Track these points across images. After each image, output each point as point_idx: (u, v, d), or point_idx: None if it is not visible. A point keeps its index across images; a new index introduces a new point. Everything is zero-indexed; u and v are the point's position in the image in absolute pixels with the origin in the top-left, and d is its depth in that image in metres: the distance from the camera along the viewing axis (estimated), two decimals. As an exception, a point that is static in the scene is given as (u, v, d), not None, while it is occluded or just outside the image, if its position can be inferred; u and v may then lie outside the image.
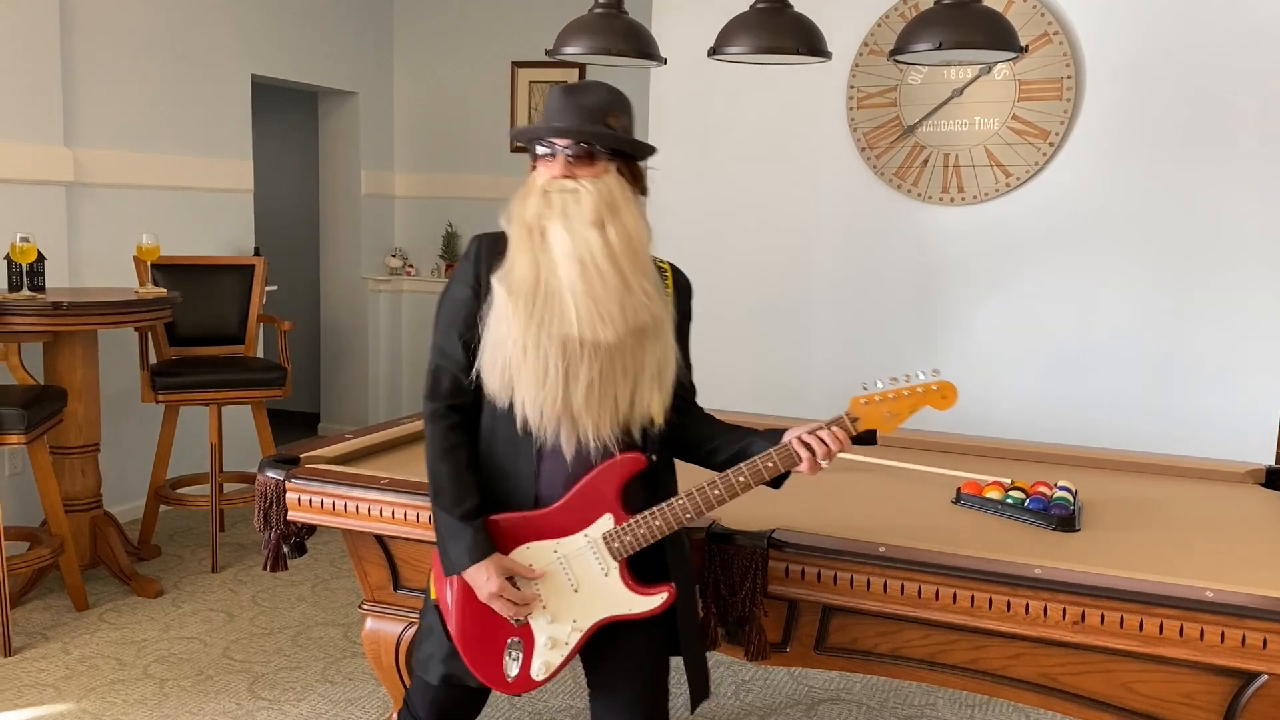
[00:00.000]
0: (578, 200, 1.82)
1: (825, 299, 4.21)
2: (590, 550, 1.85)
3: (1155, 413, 3.76)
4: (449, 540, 1.85)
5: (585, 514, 1.85)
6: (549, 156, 1.86)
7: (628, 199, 1.87)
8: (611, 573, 1.86)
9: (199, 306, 4.33)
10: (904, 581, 1.91)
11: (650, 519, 1.84)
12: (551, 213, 1.82)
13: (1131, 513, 2.31)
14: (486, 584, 1.81)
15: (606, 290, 1.79)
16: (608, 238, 1.81)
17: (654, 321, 1.83)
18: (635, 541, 1.84)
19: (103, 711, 2.97)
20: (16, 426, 3.26)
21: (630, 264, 1.82)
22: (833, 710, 3.07)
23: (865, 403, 1.86)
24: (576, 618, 1.86)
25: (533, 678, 1.88)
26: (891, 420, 1.85)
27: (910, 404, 1.86)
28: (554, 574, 1.85)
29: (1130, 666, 1.85)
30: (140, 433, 4.56)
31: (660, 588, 1.87)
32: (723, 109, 4.30)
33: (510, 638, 1.87)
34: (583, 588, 1.86)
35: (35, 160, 4.07)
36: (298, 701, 3.05)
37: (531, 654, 1.87)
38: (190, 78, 4.77)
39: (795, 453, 1.85)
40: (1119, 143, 3.75)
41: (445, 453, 1.87)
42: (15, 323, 3.48)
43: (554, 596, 1.85)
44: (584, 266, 1.79)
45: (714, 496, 1.84)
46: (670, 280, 1.98)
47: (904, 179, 4.01)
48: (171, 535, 4.47)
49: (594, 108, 1.87)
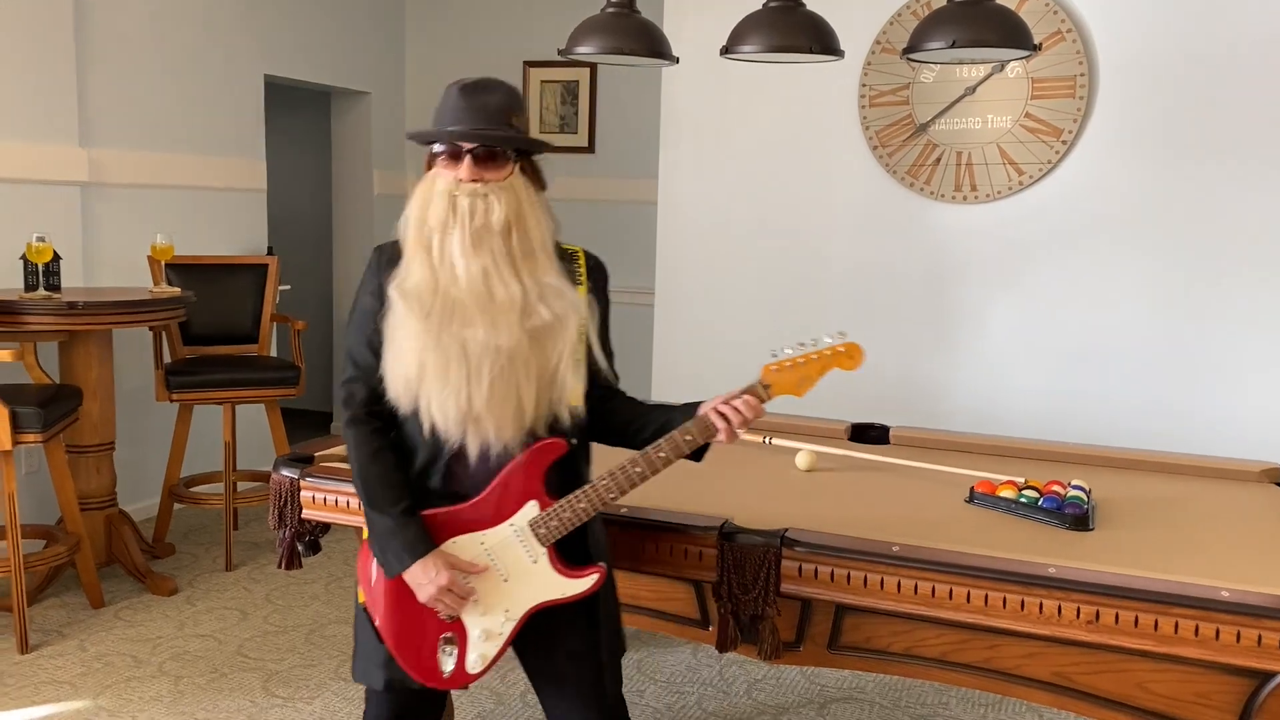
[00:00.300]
0: (488, 206, 1.83)
1: (837, 297, 4.20)
2: (517, 539, 1.87)
3: (1168, 412, 3.74)
4: (388, 540, 1.85)
5: (509, 503, 1.87)
6: (451, 158, 1.85)
7: (533, 200, 1.88)
8: (540, 559, 1.87)
9: (213, 306, 4.35)
10: (918, 581, 1.91)
11: (575, 502, 1.86)
12: (456, 219, 1.82)
13: (1146, 512, 2.30)
14: (434, 580, 1.83)
15: (508, 295, 1.80)
16: (511, 245, 1.83)
17: (557, 320, 1.83)
18: (561, 526, 1.86)
19: (119, 708, 2.99)
20: (33, 425, 3.28)
21: (530, 268, 1.84)
22: (845, 709, 3.07)
23: (776, 369, 1.89)
24: (509, 607, 1.88)
25: (469, 671, 1.90)
26: (804, 384, 1.88)
27: (819, 366, 1.89)
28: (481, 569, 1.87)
29: (1145, 666, 1.85)
30: (154, 431, 4.58)
31: (590, 569, 1.89)
32: (734, 108, 4.30)
33: (443, 634, 1.89)
34: (513, 577, 1.87)
35: (50, 160, 4.09)
36: (311, 699, 3.07)
37: (466, 648, 1.89)
38: (204, 78, 4.79)
39: (711, 424, 1.87)
40: (1132, 141, 3.73)
41: (372, 456, 1.88)
42: (31, 322, 3.50)
43: (484, 588, 1.87)
44: (486, 274, 1.81)
45: (636, 474, 1.86)
46: (584, 268, 1.98)
47: (916, 177, 4.01)
48: (186, 533, 4.49)
49: (498, 108, 1.86)
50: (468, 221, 1.82)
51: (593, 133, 5.82)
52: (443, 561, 1.84)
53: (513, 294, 1.81)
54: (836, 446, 2.77)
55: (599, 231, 5.82)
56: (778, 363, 1.88)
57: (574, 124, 5.85)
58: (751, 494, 2.39)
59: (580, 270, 1.97)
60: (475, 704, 3.05)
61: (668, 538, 2.09)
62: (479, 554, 1.87)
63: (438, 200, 1.84)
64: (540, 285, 1.84)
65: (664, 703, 3.10)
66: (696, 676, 3.28)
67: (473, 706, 3.04)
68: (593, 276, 1.98)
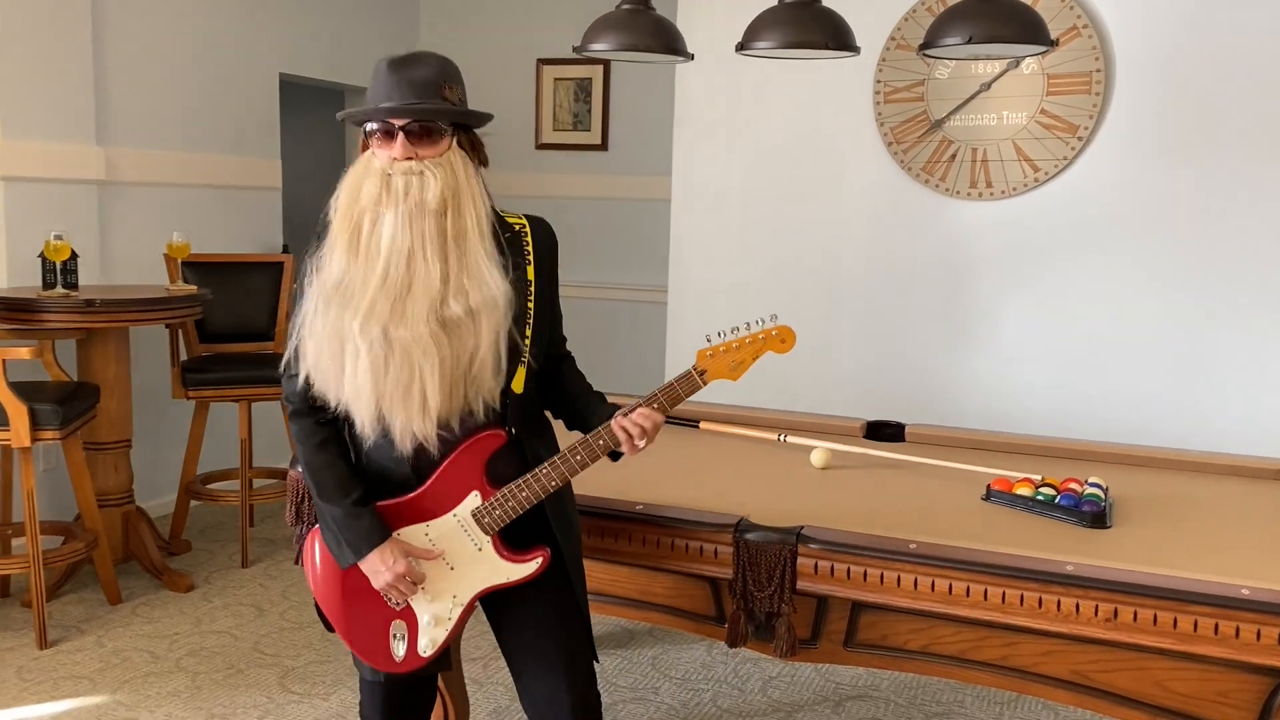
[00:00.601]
0: (423, 184, 1.77)
1: (851, 294, 4.19)
2: (461, 528, 1.89)
3: (1184, 409, 3.72)
4: (342, 530, 1.85)
5: (452, 494, 1.88)
6: (385, 136, 1.80)
7: (470, 176, 1.83)
8: (485, 547, 1.89)
9: (229, 303, 4.37)
10: (935, 578, 1.91)
11: (517, 491, 1.87)
12: (390, 198, 1.77)
13: (1163, 509, 2.29)
14: (391, 567, 1.84)
15: (427, 282, 1.76)
16: (445, 225, 1.78)
17: (469, 315, 1.77)
18: (505, 515, 1.87)
19: (137, 704, 3.01)
20: (51, 422, 3.30)
21: (460, 251, 1.78)
22: (860, 707, 3.07)
23: (710, 354, 1.91)
24: (456, 593, 1.91)
25: (420, 655, 1.93)
26: (738, 369, 1.91)
27: (753, 350, 1.91)
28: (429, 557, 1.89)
29: (1164, 664, 1.84)
30: (171, 429, 4.61)
31: (534, 552, 1.90)
32: (749, 104, 4.29)
33: (394, 621, 1.91)
34: (458, 565, 1.90)
35: (68, 159, 4.12)
36: (327, 695, 3.08)
37: (417, 634, 1.92)
38: (219, 77, 4.81)
39: (614, 435, 1.88)
40: (1148, 137, 3.71)
41: (316, 448, 1.89)
42: (49, 320, 3.52)
43: (432, 576, 1.90)
44: (411, 256, 1.76)
45: (577, 463, 1.87)
46: (530, 239, 1.93)
47: (931, 174, 3.99)
48: (202, 530, 4.51)
49: (428, 81, 1.81)
50: (401, 200, 1.76)
51: (606, 130, 5.82)
52: (399, 549, 1.85)
53: (432, 279, 1.76)
54: (851, 444, 2.77)
55: (611, 229, 5.83)
56: (712, 348, 1.90)
57: (587, 121, 5.85)
58: (766, 491, 2.39)
59: (527, 244, 1.92)
60: (490, 699, 3.06)
61: (683, 534, 2.09)
62: (424, 543, 1.90)
63: (371, 179, 1.79)
64: (466, 271, 1.78)
65: (679, 700, 3.10)
66: (711, 674, 3.28)
67: (488, 702, 3.05)
68: (540, 248, 1.94)
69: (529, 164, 5.91)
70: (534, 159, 5.91)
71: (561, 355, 2.06)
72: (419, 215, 1.76)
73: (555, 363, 2.03)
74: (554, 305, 1.99)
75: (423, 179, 1.78)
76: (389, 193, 1.77)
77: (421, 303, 1.76)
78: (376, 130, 1.81)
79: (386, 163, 1.79)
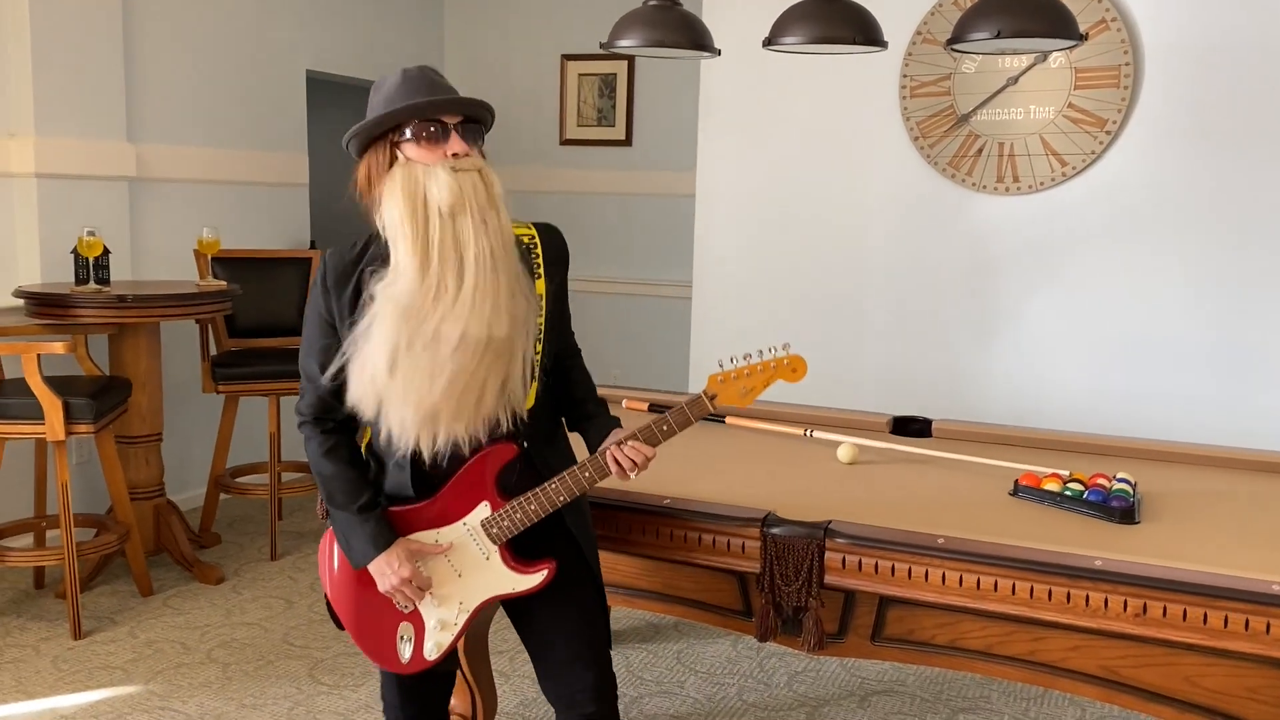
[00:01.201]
0: (487, 182, 1.76)
1: (878, 289, 4.19)
2: (470, 537, 1.92)
3: (1212, 405, 3.70)
4: (350, 535, 1.89)
5: (463, 503, 1.91)
6: (435, 137, 1.76)
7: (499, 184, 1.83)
8: (492, 556, 1.92)
9: (257, 299, 4.41)
10: (963, 573, 1.91)
11: (525, 504, 1.89)
12: (464, 198, 1.74)
13: (1192, 505, 2.28)
14: (397, 571, 1.86)
15: (500, 283, 1.75)
16: (502, 225, 1.78)
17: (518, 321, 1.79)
18: (513, 526, 1.90)
19: (169, 694, 3.05)
20: (85, 416, 3.35)
21: (505, 262, 1.78)
22: (886, 702, 3.07)
23: (721, 380, 1.92)
24: (462, 600, 1.94)
25: (426, 658, 1.96)
26: (747, 395, 1.92)
27: (764, 378, 1.92)
28: (438, 561, 1.93)
29: (1193, 660, 1.84)
30: (200, 423, 4.66)
31: (540, 565, 1.92)
32: (774, 99, 4.29)
33: (401, 623, 1.95)
34: (466, 572, 1.93)
35: (99, 156, 4.17)
36: (356, 687, 3.11)
37: (423, 637, 1.95)
38: (247, 74, 4.85)
39: (605, 465, 1.89)
40: (1178, 132, 3.69)
41: (327, 453, 1.91)
42: (82, 315, 3.57)
43: (439, 582, 1.93)
44: (494, 255, 1.75)
45: (585, 479, 1.89)
46: (539, 246, 1.92)
47: (958, 168, 3.98)
48: (231, 523, 4.56)
49: (451, 87, 1.83)
50: (473, 201, 1.74)
51: (630, 126, 5.83)
52: (405, 553, 1.88)
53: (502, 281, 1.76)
54: (878, 439, 2.77)
55: (635, 224, 5.84)
56: (723, 373, 1.92)
57: (611, 117, 5.86)
58: (794, 486, 2.40)
59: (537, 258, 1.92)
60: (517, 692, 3.09)
61: (710, 529, 2.10)
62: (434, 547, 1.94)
63: (438, 182, 1.74)
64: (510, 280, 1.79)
65: (704, 694, 3.11)
66: (737, 668, 3.29)
67: (515, 695, 3.07)
68: (549, 261, 1.93)
69: (553, 160, 5.93)
70: (558, 155, 5.93)
71: (569, 354, 2.07)
72: (490, 213, 1.76)
73: (562, 361, 2.04)
74: (563, 313, 2.00)
75: (486, 176, 1.78)
76: (461, 193, 1.74)
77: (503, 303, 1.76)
78: (424, 133, 1.77)
79: (435, 161, 1.76)
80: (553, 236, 1.96)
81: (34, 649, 3.31)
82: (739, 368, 1.92)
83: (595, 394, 2.08)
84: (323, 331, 1.89)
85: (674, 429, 1.89)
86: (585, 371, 2.10)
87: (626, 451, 1.88)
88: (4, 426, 3.34)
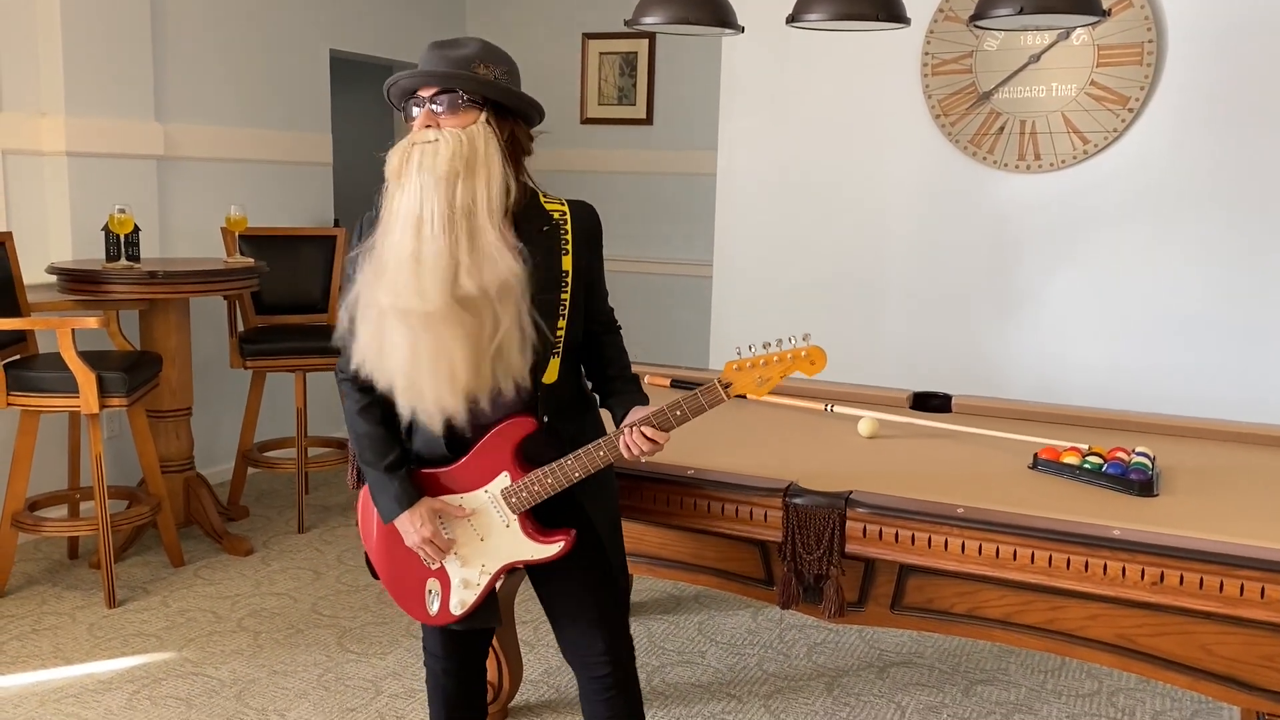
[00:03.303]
0: (435, 151, 1.78)
1: (898, 267, 4.21)
2: (491, 504, 1.98)
3: (1231, 382, 3.70)
4: (378, 493, 1.97)
5: (484, 472, 1.97)
6: (414, 110, 1.84)
7: (491, 153, 1.81)
8: (512, 524, 1.98)
9: (283, 276, 4.47)
10: (982, 542, 1.95)
11: (543, 477, 1.94)
12: (408, 169, 1.79)
13: (1210, 479, 2.31)
14: (419, 529, 1.94)
15: (435, 257, 1.76)
16: (454, 195, 1.77)
17: (482, 293, 1.78)
18: (531, 497, 1.95)
19: (203, 660, 3.12)
20: (118, 390, 3.42)
21: (467, 227, 1.78)
22: (905, 673, 3.11)
23: (737, 368, 1.92)
24: (484, 563, 2.01)
25: (451, 613, 2.04)
26: (763, 385, 1.92)
27: (780, 369, 1.92)
28: (461, 524, 2.00)
29: (1209, 628, 1.87)
30: (227, 398, 4.73)
31: (558, 535, 1.98)
32: (795, 76, 4.30)
33: (429, 579, 2.03)
34: (488, 537, 2.00)
35: (129, 135, 4.23)
36: (384, 655, 3.18)
37: (449, 594, 2.03)
38: (272, 54, 4.90)
39: (617, 447, 1.93)
40: (1200, 109, 3.68)
41: (357, 412, 1.97)
42: (114, 291, 3.63)
43: (463, 544, 2.01)
44: (419, 230, 1.77)
45: (600, 458, 1.93)
46: (569, 222, 1.94)
47: (979, 146, 3.99)
48: (259, 497, 4.64)
49: (461, 58, 1.84)
50: (415, 171, 1.78)
51: (651, 104, 5.84)
52: (428, 513, 1.95)
53: (440, 252, 1.76)
54: (899, 414, 2.80)
55: (656, 204, 5.86)
56: (739, 361, 1.92)
57: (632, 96, 5.88)
58: (815, 458, 2.43)
59: (565, 234, 1.93)
60: (542, 661, 3.14)
61: (733, 499, 2.14)
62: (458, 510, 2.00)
63: (397, 152, 1.81)
64: (476, 249, 1.78)
65: (725, 664, 3.16)
66: (757, 639, 3.34)
67: (540, 663, 3.13)
68: (579, 238, 1.95)
69: (574, 139, 5.95)
70: (579, 134, 5.95)
71: (604, 328, 2.09)
72: (430, 184, 1.78)
73: (597, 336, 2.07)
74: (595, 289, 2.03)
75: (435, 146, 1.79)
76: (407, 163, 1.80)
77: (434, 275, 1.77)
78: (407, 109, 1.86)
79: (413, 134, 1.84)
80: (584, 213, 1.98)
81: (70, 616, 3.40)
82: (755, 356, 1.91)
83: (627, 370, 2.10)
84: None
85: (687, 415, 1.91)
86: (620, 348, 2.12)
87: (635, 437, 1.92)
88: (39, 400, 3.41)
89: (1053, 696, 2.99)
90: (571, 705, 2.89)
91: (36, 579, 3.70)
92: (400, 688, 2.98)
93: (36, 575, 3.73)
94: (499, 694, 2.78)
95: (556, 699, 2.94)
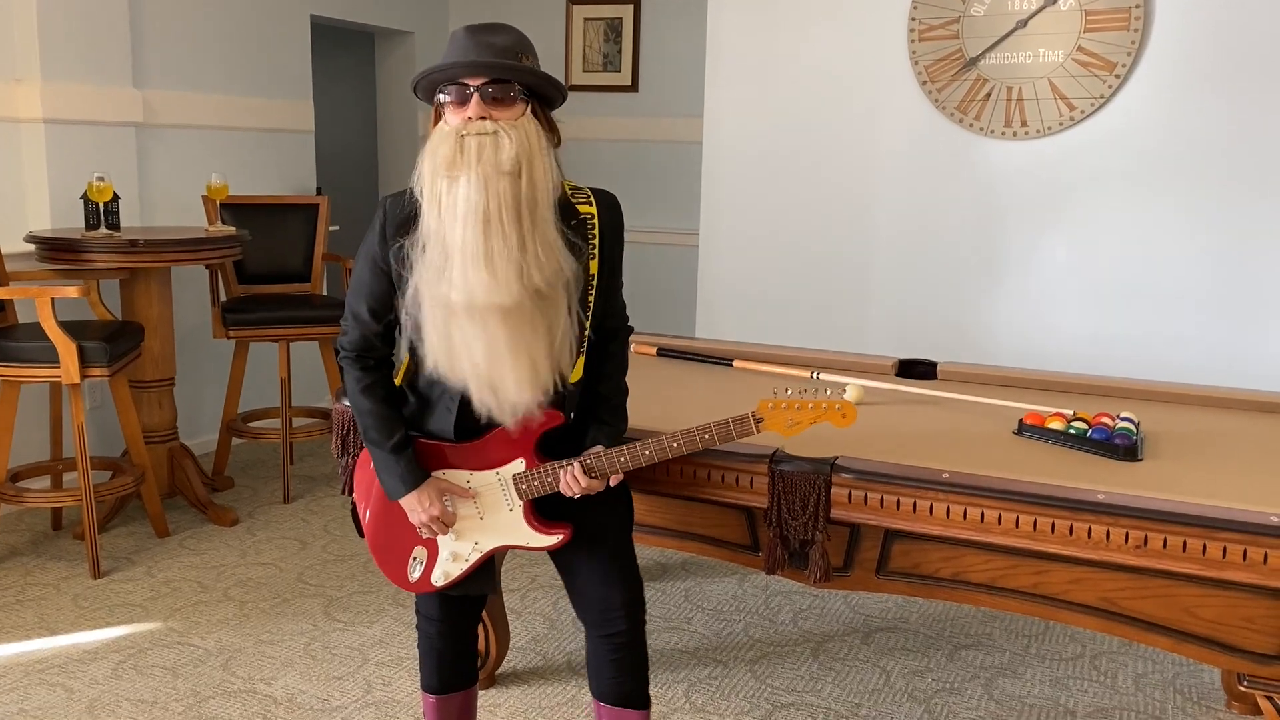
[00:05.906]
0: (497, 144, 1.75)
1: (885, 233, 4.20)
2: (500, 486, 1.99)
3: (1217, 348, 3.72)
4: (383, 471, 1.97)
5: (501, 454, 1.97)
6: (460, 100, 1.78)
7: (543, 147, 1.81)
8: (516, 509, 2.00)
9: (266, 245, 4.43)
10: (966, 506, 1.95)
11: (555, 468, 1.95)
12: (464, 160, 1.75)
13: (1194, 444, 2.32)
14: (426, 509, 1.95)
15: (506, 250, 1.74)
16: (520, 189, 1.76)
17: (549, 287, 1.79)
18: (541, 487, 1.97)
19: (188, 630, 3.12)
20: (100, 360, 3.39)
21: (531, 221, 1.77)
22: (890, 638, 3.13)
23: (772, 406, 1.95)
24: (478, 541, 2.03)
25: (431, 583, 2.06)
26: (793, 428, 1.95)
27: (812, 416, 1.95)
28: (465, 501, 2.00)
29: (1191, 591, 1.88)
30: (211, 368, 4.70)
31: (558, 528, 2.00)
32: (782, 44, 4.27)
33: (417, 546, 2.04)
34: (488, 516, 2.01)
35: (106, 102, 4.17)
36: (371, 624, 3.18)
37: (434, 564, 2.04)
38: (251, 19, 4.83)
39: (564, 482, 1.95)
40: (1187, 76, 3.67)
41: (364, 390, 1.96)
42: (94, 260, 3.59)
43: (461, 518, 2.02)
44: (488, 223, 1.74)
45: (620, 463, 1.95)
46: (596, 226, 1.93)
47: (966, 113, 3.97)
48: (243, 467, 4.62)
49: (506, 47, 1.81)
50: (475, 162, 1.75)
51: (636, 71, 5.79)
52: (435, 492, 1.96)
53: (510, 245, 1.75)
54: (884, 381, 2.80)
55: (642, 172, 5.83)
56: (775, 400, 1.94)
57: (617, 62, 5.83)
58: (801, 425, 2.42)
59: (593, 233, 1.92)
60: (529, 628, 3.15)
61: (719, 465, 2.14)
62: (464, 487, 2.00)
63: (445, 142, 1.77)
64: (540, 241, 1.78)
65: (711, 630, 3.18)
66: (743, 605, 3.35)
67: (526, 630, 3.14)
68: (605, 237, 1.94)
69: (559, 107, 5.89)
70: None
71: (612, 334, 2.05)
72: (494, 177, 1.75)
73: (604, 343, 2.03)
74: (614, 281, 2.01)
75: (497, 139, 1.76)
76: (463, 154, 1.75)
77: (507, 270, 1.75)
78: (451, 96, 1.80)
79: (460, 124, 1.78)
80: (608, 207, 1.96)
81: (54, 587, 3.38)
82: (791, 399, 1.94)
83: (617, 393, 2.05)
84: (375, 276, 1.93)
85: (714, 439, 1.93)
86: (621, 359, 2.07)
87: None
88: (19, 370, 3.38)
89: (1036, 660, 3.01)
90: (557, 671, 2.91)
91: (20, 550, 3.69)
92: (387, 656, 2.98)
93: (20, 546, 3.72)
94: (486, 660, 2.78)
95: (543, 665, 2.95)
